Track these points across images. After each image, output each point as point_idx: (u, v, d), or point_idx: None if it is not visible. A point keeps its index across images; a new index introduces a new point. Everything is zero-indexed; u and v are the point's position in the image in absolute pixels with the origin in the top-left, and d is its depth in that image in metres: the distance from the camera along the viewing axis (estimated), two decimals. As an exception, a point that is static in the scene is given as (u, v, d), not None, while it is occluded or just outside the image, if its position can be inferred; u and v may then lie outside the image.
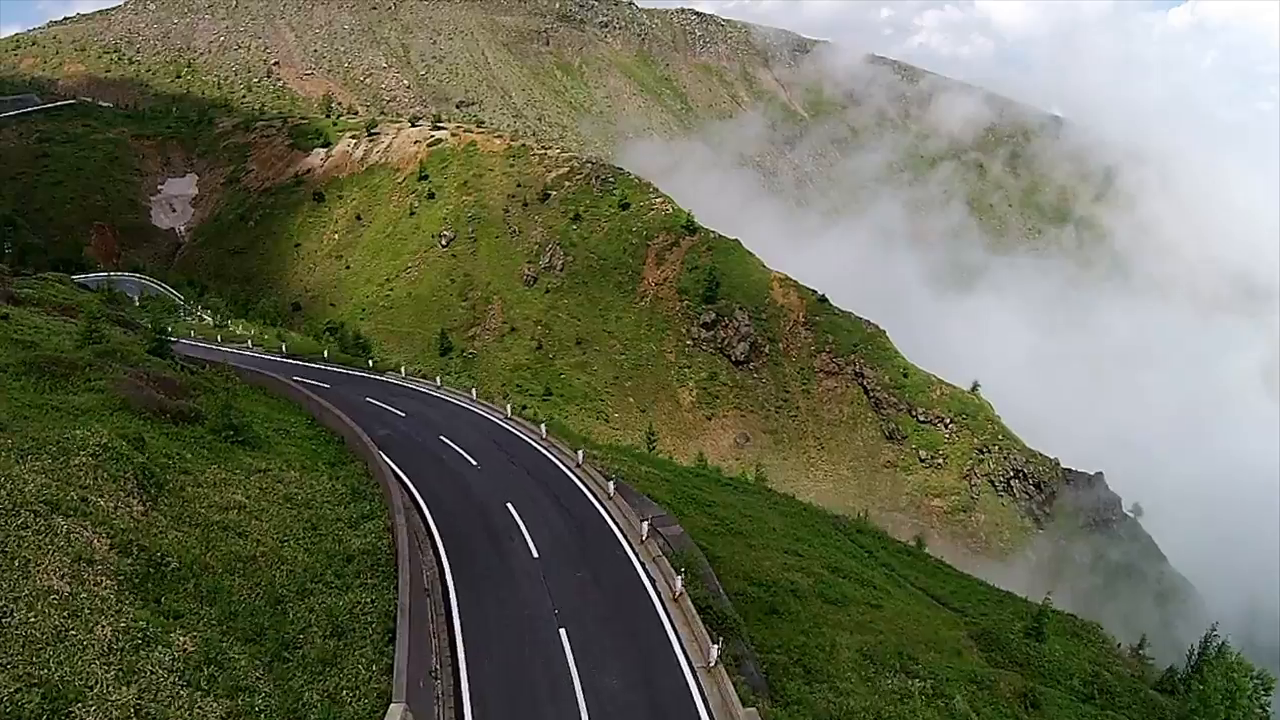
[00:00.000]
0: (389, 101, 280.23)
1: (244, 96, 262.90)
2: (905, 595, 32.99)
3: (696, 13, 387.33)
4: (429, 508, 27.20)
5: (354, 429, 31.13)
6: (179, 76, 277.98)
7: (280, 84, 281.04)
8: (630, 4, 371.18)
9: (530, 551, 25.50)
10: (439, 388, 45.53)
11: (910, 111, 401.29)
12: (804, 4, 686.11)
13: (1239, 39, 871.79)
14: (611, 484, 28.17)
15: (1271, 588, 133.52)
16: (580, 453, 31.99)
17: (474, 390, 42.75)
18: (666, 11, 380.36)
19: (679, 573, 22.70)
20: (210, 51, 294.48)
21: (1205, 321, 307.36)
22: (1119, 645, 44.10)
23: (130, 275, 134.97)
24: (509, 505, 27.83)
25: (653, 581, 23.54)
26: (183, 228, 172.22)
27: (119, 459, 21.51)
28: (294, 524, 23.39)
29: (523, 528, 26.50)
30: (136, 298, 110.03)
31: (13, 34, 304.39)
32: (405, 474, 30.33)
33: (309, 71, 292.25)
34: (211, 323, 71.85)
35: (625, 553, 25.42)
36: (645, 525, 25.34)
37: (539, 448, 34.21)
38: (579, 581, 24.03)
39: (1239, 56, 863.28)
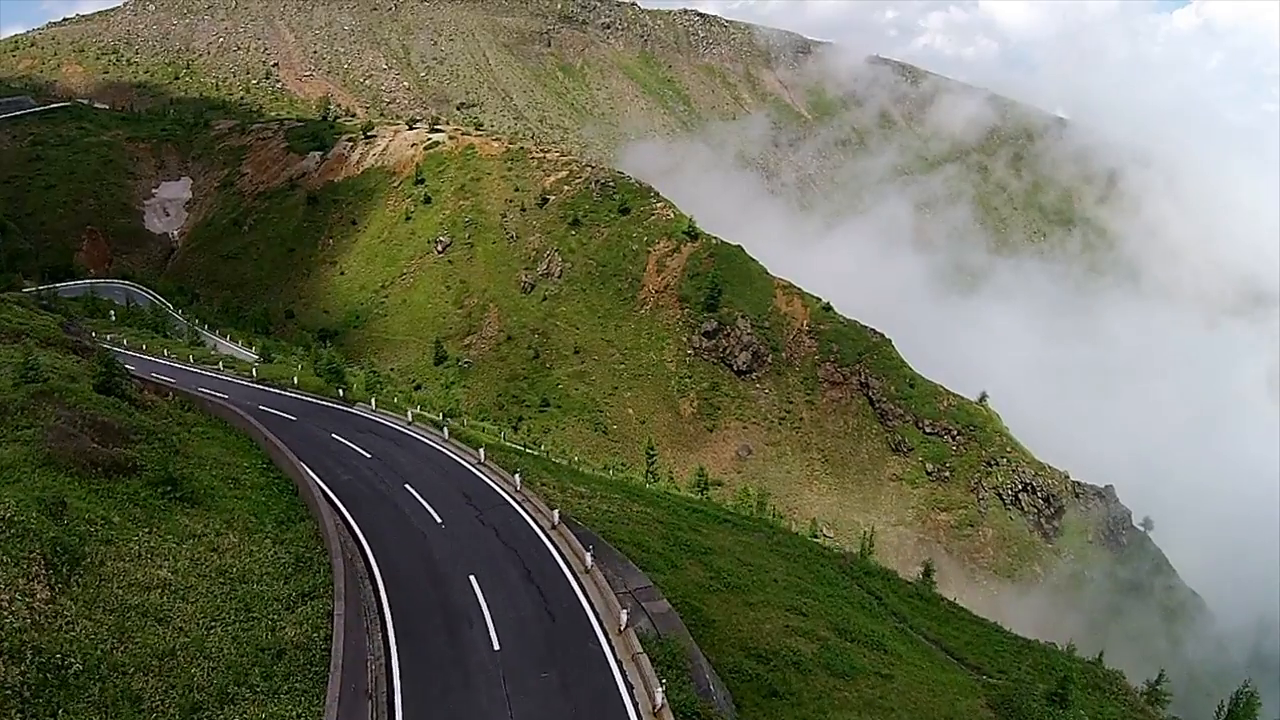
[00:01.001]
0: (389, 103, 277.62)
1: (242, 98, 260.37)
2: (918, 655, 30.08)
3: (699, 14, 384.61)
4: (384, 578, 24.25)
5: (308, 480, 28.28)
6: (177, 78, 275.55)
7: (279, 85, 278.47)
8: (633, 5, 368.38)
9: (491, 642, 22.44)
10: (410, 423, 42.29)
11: (913, 113, 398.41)
12: (809, 6, 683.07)
13: (1245, 41, 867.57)
14: (589, 555, 25.00)
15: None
16: (557, 512, 28.67)
17: (445, 429, 39.40)
18: (669, 13, 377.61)
19: (661, 681, 19.49)
20: (209, 53, 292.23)
21: (1213, 327, 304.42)
22: (1139, 692, 41.15)
23: (119, 282, 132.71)
24: (472, 578, 24.62)
25: (630, 688, 20.34)
26: (176, 232, 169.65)
27: (25, 536, 18.74)
28: (224, 605, 20.55)
29: (485, 610, 23.27)
30: (124, 305, 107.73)
31: (12, 35, 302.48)
32: (362, 532, 27.43)
33: (308, 73, 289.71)
34: (186, 340, 68.83)
35: (600, 647, 22.21)
36: (624, 615, 22.14)
37: (512, 501, 30.82)
38: (543, 685, 20.88)
39: (1245, 58, 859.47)
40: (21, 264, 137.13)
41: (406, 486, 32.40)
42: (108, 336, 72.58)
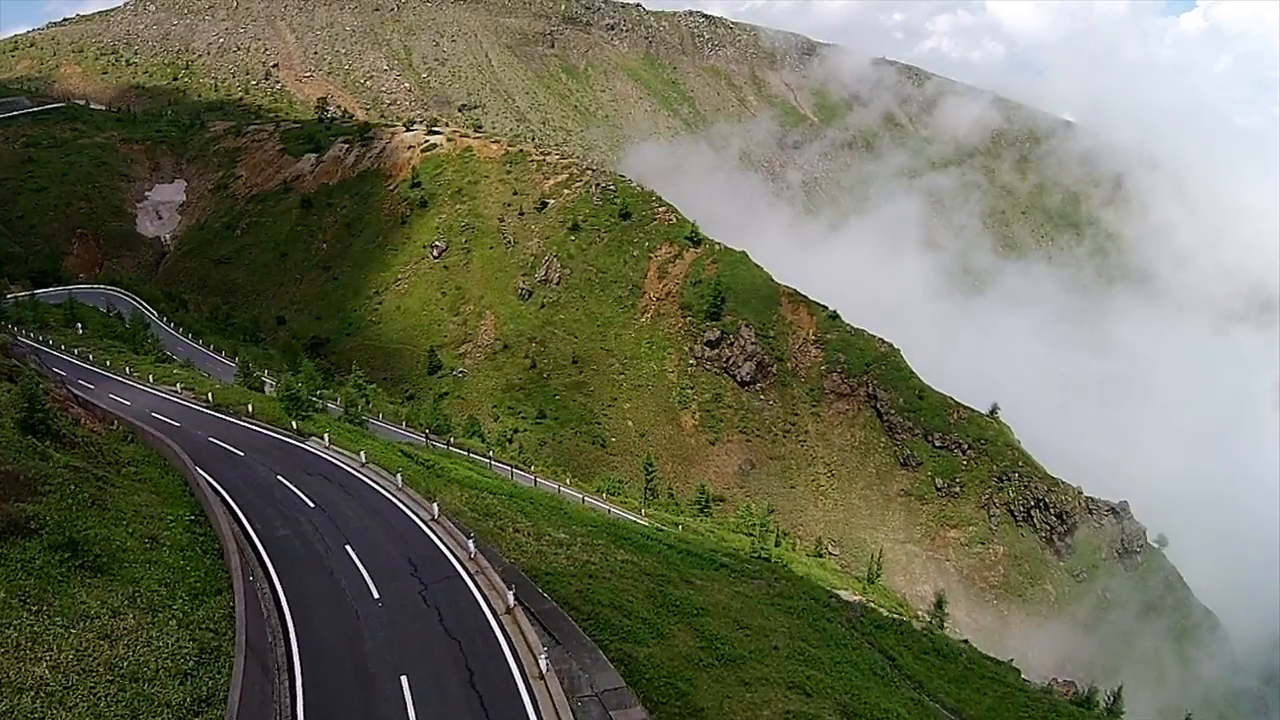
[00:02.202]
0: (389, 104, 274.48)
1: (241, 99, 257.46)
2: (940, 737, 26.31)
3: (705, 15, 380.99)
4: (303, 675, 20.33)
5: (235, 538, 24.59)
6: (176, 79, 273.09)
7: (279, 86, 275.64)
8: (637, 6, 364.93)
9: None
10: (364, 465, 38.06)
11: (918, 115, 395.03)
12: (815, 8, 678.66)
13: (1251, 45, 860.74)
14: (543, 658, 20.64)
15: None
16: (512, 593, 24.37)
17: (399, 475, 35.09)
18: (674, 14, 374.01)
19: None
20: (209, 53, 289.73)
21: (1222, 334, 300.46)
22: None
23: (105, 288, 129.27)
24: (404, 680, 20.70)
25: None
26: (169, 236, 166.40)
27: None
28: (107, 713, 16.87)
29: None
30: (105, 313, 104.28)
31: (12, 35, 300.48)
32: (290, 608, 23.49)
33: (308, 74, 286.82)
34: (152, 358, 65.09)
35: None
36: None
37: (462, 573, 26.32)
38: None
39: (1251, 62, 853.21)
40: (10, 268, 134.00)
41: (348, 548, 28.40)
42: (76, 350, 69.12)
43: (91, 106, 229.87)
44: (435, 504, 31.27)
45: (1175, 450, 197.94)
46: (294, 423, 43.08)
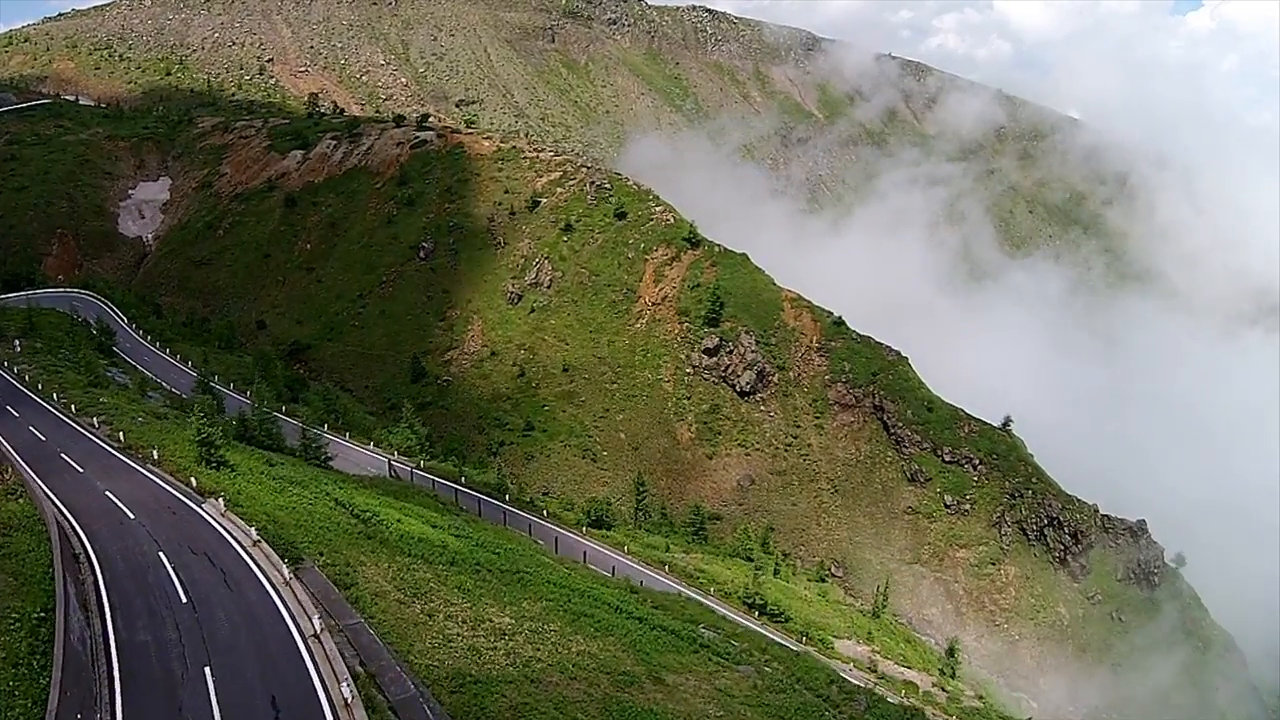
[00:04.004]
0: (385, 100, 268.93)
1: (233, 94, 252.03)
2: None
3: (708, 10, 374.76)
4: None
5: (70, 665, 18.70)
6: (169, 74, 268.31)
7: (272, 81, 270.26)
8: (640, 1, 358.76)
9: None
10: (255, 543, 30.91)
11: (923, 111, 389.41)
12: (821, 5, 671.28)
13: (1258, 46, 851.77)
14: None
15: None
16: None
17: (286, 568, 27.72)
18: (677, 9, 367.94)
19: None
20: (204, 48, 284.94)
21: (1230, 338, 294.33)
22: None
23: (78, 292, 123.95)
24: None
25: None
26: (151, 236, 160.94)
27: None
28: None
29: None
30: (69, 319, 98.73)
31: (7, 30, 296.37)
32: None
33: (303, 68, 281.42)
34: (84, 380, 59.11)
35: None
36: None
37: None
38: None
39: (1259, 61, 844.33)
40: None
41: (207, 671, 22.71)
42: (15, 369, 63.42)
43: (80, 102, 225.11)
44: (316, 619, 24.63)
45: (1184, 458, 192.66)
46: (192, 479, 36.95)
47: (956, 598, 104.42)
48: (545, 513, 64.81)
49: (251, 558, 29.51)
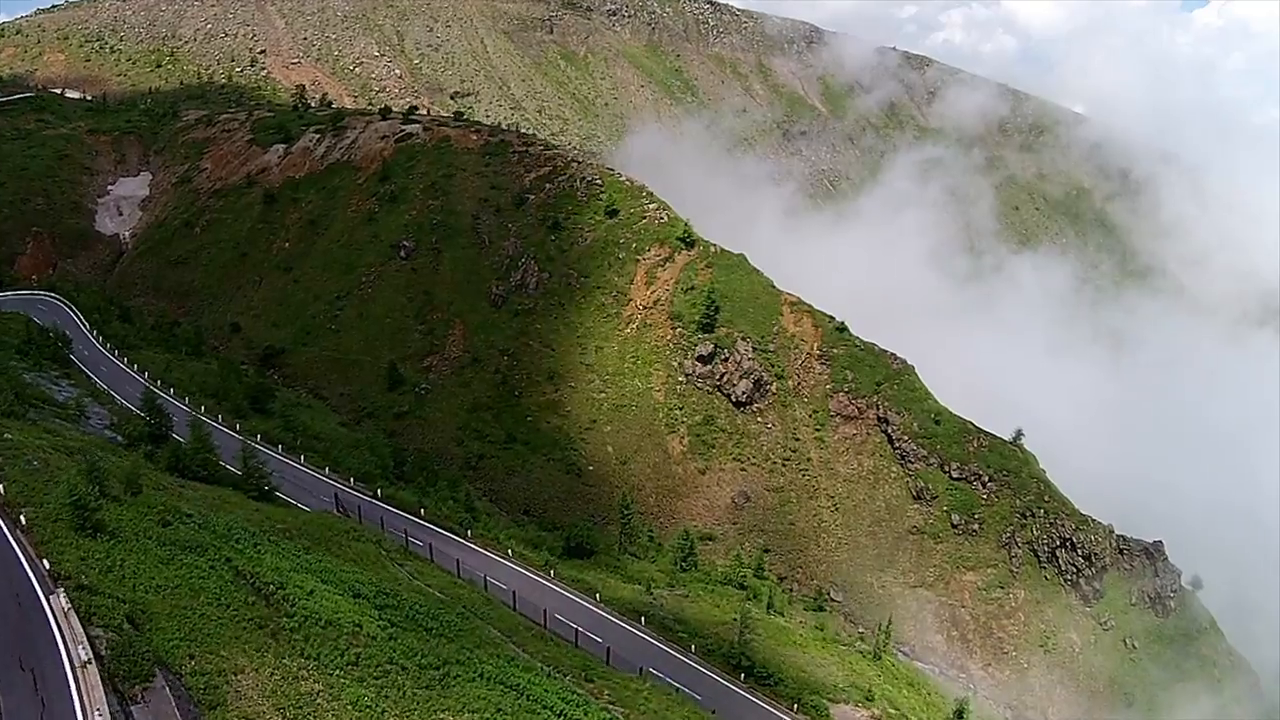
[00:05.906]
0: (378, 92, 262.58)
1: (223, 87, 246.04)
2: None
3: (710, 2, 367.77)
4: None
5: None
6: (159, 65, 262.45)
7: (264, 73, 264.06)
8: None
9: None
10: (85, 664, 24.15)
11: (924, 104, 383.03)
12: (825, 1, 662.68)
13: (1264, 45, 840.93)
14: None
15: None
16: None
17: (104, 629, 21.23)
18: (678, 0, 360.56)
19: None
20: (195, 39, 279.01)
21: (1237, 341, 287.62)
22: None
23: (44, 294, 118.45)
24: None
25: None
26: (128, 234, 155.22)
27: None
28: None
29: None
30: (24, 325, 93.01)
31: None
32: None
33: (296, 60, 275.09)
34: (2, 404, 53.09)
35: None
36: None
37: None
38: None
39: (1266, 60, 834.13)
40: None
41: None
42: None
43: (66, 95, 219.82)
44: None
45: (1197, 462, 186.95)
46: (45, 561, 30.37)
47: (962, 624, 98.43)
48: (510, 553, 58.64)
49: (76, 684, 23.33)
